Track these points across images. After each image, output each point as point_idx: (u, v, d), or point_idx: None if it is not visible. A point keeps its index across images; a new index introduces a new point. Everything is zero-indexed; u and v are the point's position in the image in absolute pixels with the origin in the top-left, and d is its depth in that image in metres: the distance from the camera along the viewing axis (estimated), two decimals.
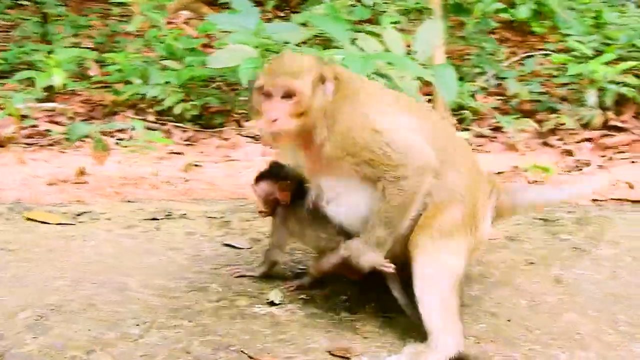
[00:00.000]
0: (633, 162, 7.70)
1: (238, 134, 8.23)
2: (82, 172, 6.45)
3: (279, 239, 4.25)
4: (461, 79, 8.80)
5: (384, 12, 10.55)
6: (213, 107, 8.79)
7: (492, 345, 3.81)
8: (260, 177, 4.20)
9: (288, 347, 3.66)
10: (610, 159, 7.77)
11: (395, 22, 9.00)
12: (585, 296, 4.34)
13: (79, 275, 4.21)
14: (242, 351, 3.59)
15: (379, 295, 4.13)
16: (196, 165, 7.00)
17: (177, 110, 8.32)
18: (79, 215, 5.18)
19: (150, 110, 8.58)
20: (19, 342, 3.53)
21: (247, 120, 8.56)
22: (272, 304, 4.02)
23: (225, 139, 8.11)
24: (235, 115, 8.79)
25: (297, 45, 8.34)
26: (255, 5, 8.11)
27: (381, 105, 3.83)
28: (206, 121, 8.61)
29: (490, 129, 8.72)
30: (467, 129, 8.64)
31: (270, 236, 4.30)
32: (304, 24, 8.71)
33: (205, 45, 10.03)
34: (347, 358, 3.61)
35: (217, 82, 9.16)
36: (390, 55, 7.33)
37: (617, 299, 4.33)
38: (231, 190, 6.24)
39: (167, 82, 8.41)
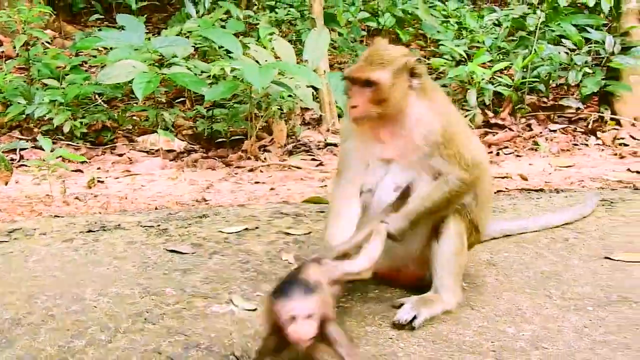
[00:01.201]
0: (518, 156, 8.18)
1: (132, 149, 8.20)
2: None
3: None
4: None
5: (257, 24, 10.74)
6: (98, 124, 8.72)
7: (444, 325, 4.03)
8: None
9: (256, 342, 3.74)
10: (498, 154, 8.22)
11: (271, 34, 9.17)
12: (518, 276, 4.66)
13: (30, 290, 4.16)
14: (212, 348, 3.66)
15: None
16: (99, 181, 6.94)
17: (66, 128, 8.21)
18: (10, 232, 5.09)
19: (37, 129, 8.43)
20: None
21: (139, 135, 8.54)
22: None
23: (120, 155, 8.06)
24: (120, 132, 8.75)
25: (184, 58, 8.43)
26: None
27: (454, 109, 4.35)
28: (95, 138, 8.53)
29: None
30: None
31: None
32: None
33: (82, 64, 9.94)
34: None
35: (102, 99, 9.08)
36: (287, 65, 7.56)
37: (547, 277, 4.67)
38: (146, 202, 6.24)
39: (52, 101, 8.28)
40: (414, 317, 3.98)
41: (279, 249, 4.85)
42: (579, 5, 11.86)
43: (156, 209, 5.93)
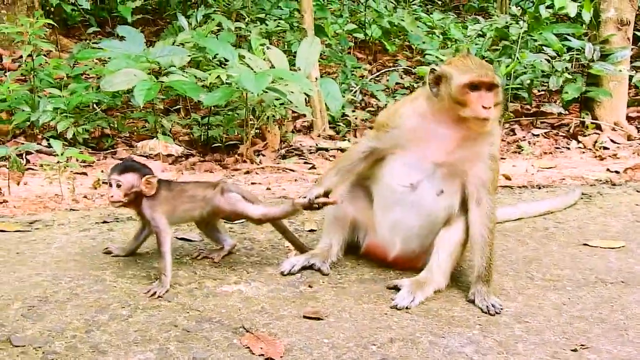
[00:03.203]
0: (502, 158, 8.56)
1: (133, 153, 8.53)
2: None
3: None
4: None
5: (248, 36, 11.07)
6: (97, 131, 9.05)
7: (434, 302, 4.42)
8: (126, 169, 4.54)
9: (262, 316, 4.12)
10: None
11: (262, 44, 9.52)
12: (502, 260, 5.06)
13: (55, 272, 4.52)
14: (223, 322, 4.02)
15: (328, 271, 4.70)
16: (104, 183, 7.25)
17: (69, 134, 8.51)
18: (31, 223, 5.45)
19: (40, 136, 8.74)
20: (19, 328, 3.83)
21: (137, 141, 8.87)
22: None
23: (121, 159, 8.38)
24: (119, 138, 9.07)
25: (180, 68, 8.76)
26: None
27: None
28: (96, 144, 8.85)
29: None
30: (345, 139, 9.30)
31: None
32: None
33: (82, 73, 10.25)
34: (321, 318, 4.11)
35: (101, 107, 9.38)
36: (282, 72, 7.92)
37: (529, 261, 5.09)
38: None
39: (55, 109, 8.59)
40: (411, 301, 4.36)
41: (280, 237, 5.20)
42: (561, 16, 12.26)
43: None
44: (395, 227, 4.69)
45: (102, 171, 7.76)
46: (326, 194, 4.72)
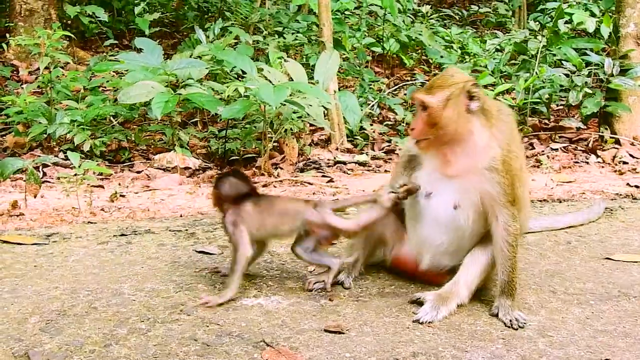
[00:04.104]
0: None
1: (150, 166, 8.50)
2: (15, 206, 6.59)
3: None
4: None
5: (266, 49, 11.07)
6: (114, 144, 9.03)
7: (457, 316, 4.36)
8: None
9: (283, 330, 4.07)
10: None
11: (280, 57, 9.52)
12: (524, 274, 4.99)
13: (73, 285, 4.50)
14: (243, 336, 3.97)
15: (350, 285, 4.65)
16: (121, 196, 7.24)
17: (85, 147, 8.50)
18: (49, 236, 5.43)
19: (57, 148, 8.73)
20: (37, 342, 3.80)
21: (154, 154, 8.85)
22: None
23: (138, 172, 8.37)
24: (136, 151, 9.06)
25: (198, 80, 8.73)
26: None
27: (520, 145, 4.62)
28: (113, 157, 8.84)
29: (384, 152, 9.38)
30: (362, 152, 9.26)
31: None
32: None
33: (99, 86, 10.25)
34: (342, 332, 4.05)
35: (117, 120, 9.38)
36: (300, 84, 7.88)
37: (551, 274, 5.02)
38: (167, 214, 6.53)
39: (72, 121, 8.58)
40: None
41: None
42: (579, 31, 12.21)
43: (181, 216, 6.24)
44: (424, 242, 4.64)
45: (120, 184, 7.74)
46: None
